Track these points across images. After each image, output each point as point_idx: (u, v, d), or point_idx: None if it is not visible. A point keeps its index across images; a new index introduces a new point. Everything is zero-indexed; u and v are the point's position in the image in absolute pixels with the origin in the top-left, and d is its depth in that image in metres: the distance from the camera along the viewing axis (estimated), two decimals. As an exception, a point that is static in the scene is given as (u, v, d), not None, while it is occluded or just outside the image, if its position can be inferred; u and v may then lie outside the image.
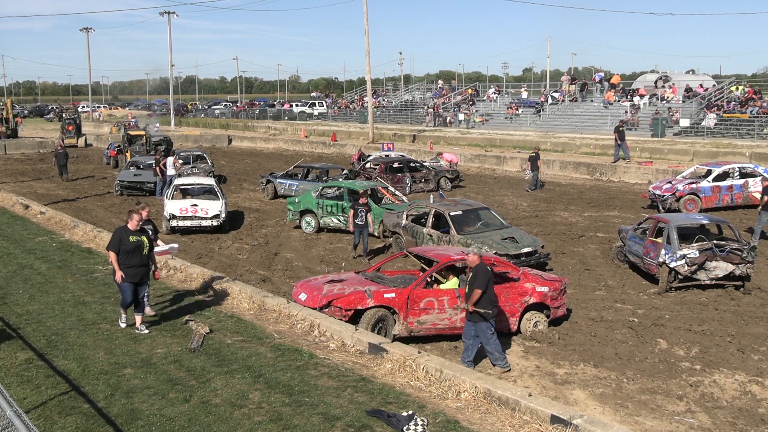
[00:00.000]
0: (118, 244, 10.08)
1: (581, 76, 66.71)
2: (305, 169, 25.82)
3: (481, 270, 9.92)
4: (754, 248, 14.24)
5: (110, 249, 10.20)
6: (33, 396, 8.21)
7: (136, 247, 10.14)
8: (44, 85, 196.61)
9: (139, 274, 10.30)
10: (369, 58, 46.41)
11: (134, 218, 10.24)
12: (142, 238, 10.27)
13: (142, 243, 10.23)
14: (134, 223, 10.23)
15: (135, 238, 10.16)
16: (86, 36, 76.32)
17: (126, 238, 10.10)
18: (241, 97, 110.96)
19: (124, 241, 10.09)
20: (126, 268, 10.13)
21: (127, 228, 10.22)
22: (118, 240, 10.12)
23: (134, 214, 10.29)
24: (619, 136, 32.03)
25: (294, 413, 7.81)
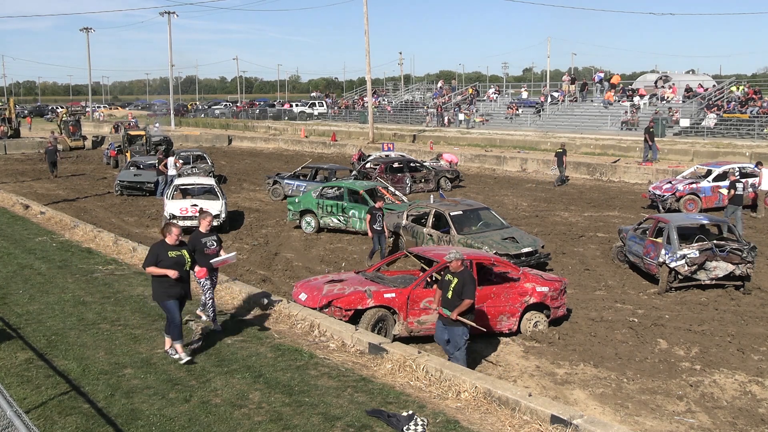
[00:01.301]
0: (155, 260, 9.14)
1: (581, 76, 66.74)
2: (313, 170, 25.78)
3: (468, 277, 9.60)
4: (754, 248, 14.24)
5: (146, 266, 9.21)
6: (33, 396, 8.21)
7: (176, 263, 9.18)
8: (44, 85, 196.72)
9: (181, 290, 9.34)
10: (369, 58, 46.45)
11: (173, 232, 9.30)
12: (182, 252, 9.32)
13: (183, 258, 9.28)
14: (173, 237, 9.28)
15: (174, 254, 9.22)
16: (86, 36, 76.34)
17: (164, 253, 9.17)
18: (241, 97, 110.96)
19: (162, 257, 9.14)
20: (167, 287, 9.15)
21: (165, 243, 9.27)
22: (155, 256, 9.16)
23: (172, 228, 9.35)
24: (649, 136, 31.43)
25: (294, 413, 7.81)
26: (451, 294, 9.52)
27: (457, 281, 9.48)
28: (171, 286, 9.16)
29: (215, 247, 10.41)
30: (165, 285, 9.17)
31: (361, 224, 19.02)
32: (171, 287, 9.17)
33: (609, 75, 50.51)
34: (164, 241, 9.28)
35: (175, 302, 9.22)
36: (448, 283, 9.60)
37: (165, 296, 9.18)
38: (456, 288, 9.47)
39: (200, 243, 10.22)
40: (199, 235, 10.37)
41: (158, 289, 9.26)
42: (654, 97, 42.63)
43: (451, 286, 9.52)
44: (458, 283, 9.46)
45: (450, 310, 9.46)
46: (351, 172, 25.78)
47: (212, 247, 10.35)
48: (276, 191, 25.81)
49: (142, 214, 23.20)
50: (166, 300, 9.19)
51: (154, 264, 9.13)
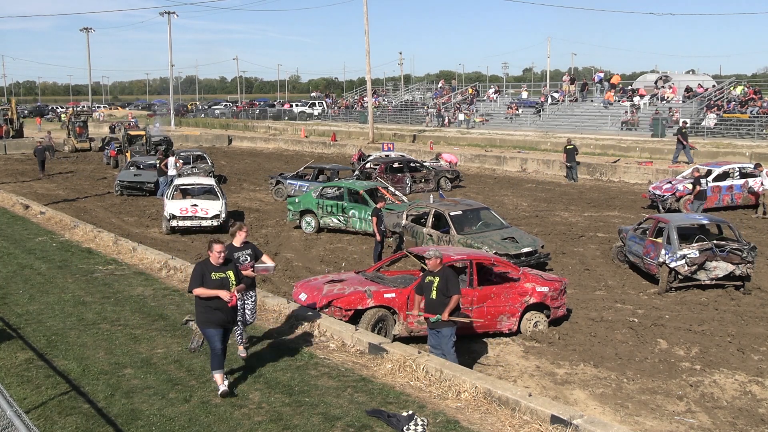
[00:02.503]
0: (200, 281, 8.25)
1: (581, 76, 66.74)
2: (315, 170, 25.78)
3: (450, 273, 9.38)
4: (754, 248, 14.24)
5: (192, 290, 8.31)
6: (33, 396, 8.21)
7: (221, 285, 8.28)
8: (44, 85, 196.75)
9: (226, 318, 8.41)
10: (369, 58, 46.46)
11: (215, 249, 8.33)
12: (228, 273, 8.38)
13: (227, 280, 8.35)
14: (215, 255, 8.33)
15: (219, 275, 8.30)
16: (86, 36, 76.43)
17: (208, 274, 8.26)
18: (241, 97, 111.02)
19: (207, 278, 8.24)
20: (211, 311, 8.24)
21: (209, 262, 8.37)
22: (199, 277, 8.26)
23: (215, 245, 8.39)
24: (682, 137, 30.81)
25: (294, 413, 7.81)
26: (435, 294, 9.26)
27: (440, 279, 9.28)
28: (214, 311, 8.26)
29: (249, 262, 9.45)
30: (208, 309, 8.27)
31: (361, 224, 19.03)
32: (214, 313, 8.26)
33: (609, 75, 50.52)
34: (207, 260, 8.41)
35: (217, 330, 8.30)
36: (430, 284, 9.35)
37: (207, 323, 8.33)
38: (440, 287, 9.24)
39: (232, 258, 9.10)
40: (232, 249, 9.32)
41: (201, 314, 8.36)
42: (654, 97, 42.64)
43: (434, 286, 9.28)
44: (441, 281, 9.26)
45: (439, 313, 9.22)
46: (353, 172, 25.75)
47: (245, 262, 9.37)
48: (279, 191, 25.81)
49: (142, 214, 23.20)
50: (208, 327, 8.33)
51: (201, 285, 8.21)
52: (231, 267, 8.51)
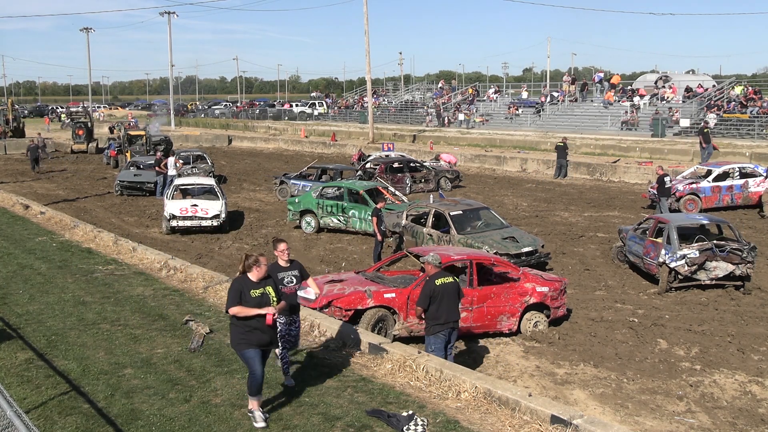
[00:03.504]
0: (239, 298, 7.58)
1: (581, 76, 66.74)
2: (319, 171, 25.76)
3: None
4: (754, 248, 14.25)
5: (230, 307, 7.58)
6: (33, 396, 8.21)
7: (260, 303, 7.63)
8: (44, 85, 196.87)
9: (267, 336, 7.71)
10: (369, 58, 46.46)
11: (260, 263, 7.68)
12: (267, 289, 7.73)
13: (267, 297, 7.69)
14: (257, 273, 7.66)
15: (258, 292, 7.62)
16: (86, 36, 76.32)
17: (247, 291, 7.60)
18: (241, 97, 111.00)
19: (246, 295, 7.58)
20: (248, 331, 7.55)
21: (247, 279, 7.68)
22: (237, 295, 7.59)
23: (260, 259, 7.71)
24: (703, 137, 30.18)
25: (294, 413, 7.81)
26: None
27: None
28: (252, 331, 7.55)
29: (294, 284, 8.61)
30: (245, 329, 7.57)
31: (361, 224, 19.03)
32: (252, 333, 7.56)
33: (609, 75, 50.55)
34: (245, 276, 7.69)
35: (256, 352, 7.59)
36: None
37: (245, 344, 7.58)
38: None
39: (276, 279, 8.23)
40: (277, 269, 8.46)
41: (237, 335, 7.63)
42: (654, 97, 42.65)
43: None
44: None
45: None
46: (357, 172, 25.63)
47: (291, 284, 8.55)
48: (283, 191, 25.84)
49: (142, 214, 23.20)
50: (246, 348, 7.57)
51: (239, 303, 7.52)
52: (270, 283, 7.82)
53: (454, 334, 9.42)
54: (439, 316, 9.16)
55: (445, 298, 9.10)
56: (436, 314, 9.15)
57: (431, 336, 9.29)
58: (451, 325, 9.26)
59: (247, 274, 7.66)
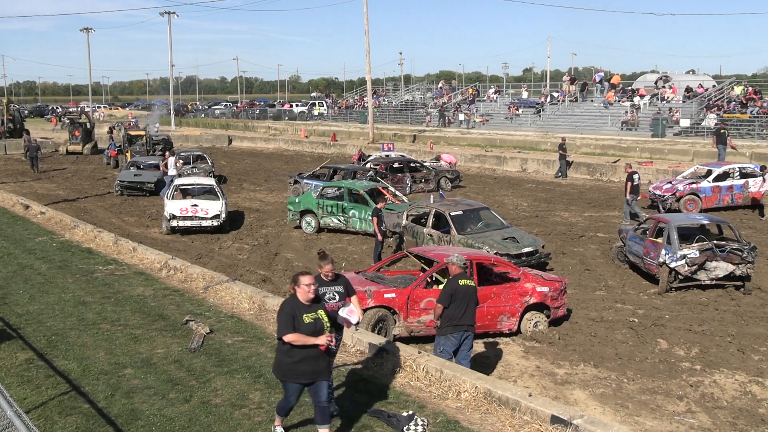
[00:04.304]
0: (292, 325, 6.71)
1: (581, 76, 66.81)
2: (331, 170, 25.69)
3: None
4: (754, 248, 14.24)
5: (282, 335, 6.73)
6: (33, 396, 8.21)
7: (314, 329, 6.75)
8: (44, 86, 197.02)
9: (316, 368, 6.80)
10: (369, 58, 46.45)
11: (303, 283, 6.81)
12: (319, 313, 6.86)
13: (321, 322, 6.81)
14: (304, 291, 6.79)
15: (311, 317, 6.77)
16: (86, 36, 76.30)
17: (300, 316, 6.73)
18: (241, 98, 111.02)
19: (298, 321, 6.71)
20: (298, 361, 6.70)
21: (298, 300, 6.81)
22: (290, 320, 6.72)
23: (302, 277, 6.84)
24: (718, 138, 29.40)
25: (294, 413, 7.79)
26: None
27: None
28: (301, 362, 6.70)
29: (336, 301, 7.75)
30: (297, 358, 6.71)
31: (361, 224, 19.03)
32: (300, 363, 6.71)
33: (609, 75, 50.57)
34: (295, 298, 6.84)
35: (300, 386, 6.90)
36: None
37: (292, 375, 6.80)
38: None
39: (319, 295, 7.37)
40: (318, 282, 7.52)
41: (285, 363, 6.78)
42: (654, 97, 42.64)
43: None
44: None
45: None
46: (368, 172, 25.42)
47: (332, 300, 7.73)
48: (296, 191, 25.85)
49: (142, 214, 23.20)
50: (290, 381, 6.85)
51: (293, 329, 6.66)
52: (321, 306, 7.02)
53: (468, 338, 9.10)
54: (455, 317, 8.93)
55: (464, 300, 8.89)
56: (452, 315, 8.93)
57: (441, 337, 9.09)
58: (464, 328, 9.00)
59: (297, 296, 6.83)
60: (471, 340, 9.18)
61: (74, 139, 43.69)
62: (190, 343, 9.97)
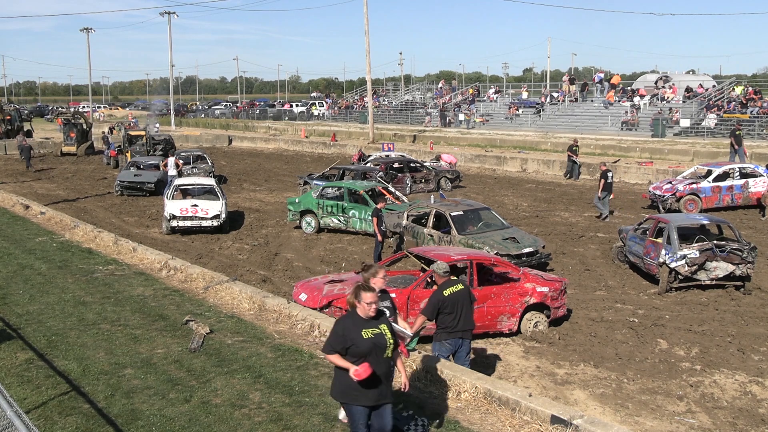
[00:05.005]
0: (342, 342, 6.11)
1: (581, 76, 66.83)
2: (341, 171, 25.65)
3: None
4: (754, 248, 14.24)
5: (328, 351, 6.21)
6: (33, 396, 8.21)
7: (374, 347, 6.09)
8: (44, 86, 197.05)
9: (382, 390, 6.19)
10: (369, 59, 46.46)
11: (365, 299, 6.14)
12: (382, 328, 6.20)
13: (383, 338, 6.16)
14: (365, 309, 6.15)
15: (371, 333, 6.11)
16: (86, 36, 76.37)
17: (356, 332, 6.09)
18: (241, 98, 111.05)
19: (355, 338, 6.07)
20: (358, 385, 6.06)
21: (356, 316, 6.19)
22: (341, 338, 6.12)
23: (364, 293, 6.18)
24: (735, 140, 28.91)
25: (294, 413, 7.80)
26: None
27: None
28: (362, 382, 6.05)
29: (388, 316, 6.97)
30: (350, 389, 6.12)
31: (361, 224, 19.03)
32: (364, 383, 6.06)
33: (609, 75, 50.56)
34: (354, 313, 6.22)
35: (365, 409, 6.19)
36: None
37: (351, 397, 6.17)
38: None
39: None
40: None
41: (344, 383, 6.14)
42: (654, 97, 42.65)
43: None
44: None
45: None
46: (378, 173, 25.31)
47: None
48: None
49: (142, 214, 23.20)
50: (354, 404, 6.17)
51: (340, 350, 6.10)
52: (384, 320, 6.31)
53: (465, 343, 8.85)
54: (449, 326, 8.65)
55: (456, 307, 8.59)
56: (446, 323, 8.67)
57: (436, 342, 8.92)
58: (459, 335, 8.74)
59: (356, 312, 6.20)
60: (468, 345, 8.94)
61: (69, 140, 43.16)
62: (190, 343, 9.97)
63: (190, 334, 10.28)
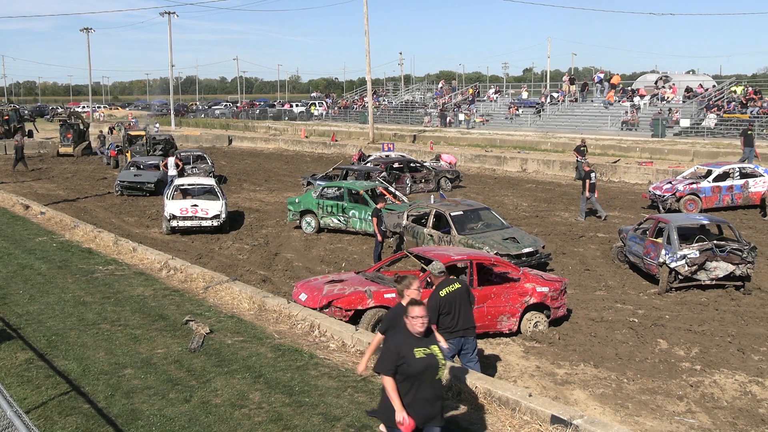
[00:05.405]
0: (395, 362, 5.69)
1: (581, 76, 66.84)
2: (344, 171, 25.65)
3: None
4: (754, 248, 14.24)
5: (382, 371, 5.76)
6: (33, 396, 8.21)
7: (426, 368, 5.73)
8: (44, 86, 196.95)
9: (431, 412, 5.81)
10: (369, 59, 46.46)
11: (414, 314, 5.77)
12: (433, 348, 5.81)
13: (435, 359, 5.78)
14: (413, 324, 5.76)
15: (424, 352, 5.73)
16: (86, 36, 76.41)
17: (409, 351, 5.68)
18: (241, 98, 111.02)
19: (407, 357, 5.67)
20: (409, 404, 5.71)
21: (407, 333, 5.80)
22: (395, 355, 5.70)
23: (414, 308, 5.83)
24: (745, 140, 28.29)
25: (294, 413, 7.81)
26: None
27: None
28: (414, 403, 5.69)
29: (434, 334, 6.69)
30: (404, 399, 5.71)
31: (361, 224, 19.03)
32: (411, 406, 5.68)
33: (609, 75, 50.56)
34: (406, 329, 5.81)
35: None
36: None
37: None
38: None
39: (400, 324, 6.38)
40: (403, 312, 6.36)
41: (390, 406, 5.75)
42: (654, 97, 42.65)
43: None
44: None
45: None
46: (381, 173, 25.27)
47: None
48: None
49: (142, 214, 23.20)
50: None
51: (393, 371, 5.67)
52: (434, 340, 5.93)
53: (468, 341, 8.73)
54: (449, 326, 8.54)
55: (455, 306, 8.52)
56: (446, 323, 8.59)
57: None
58: (461, 334, 8.63)
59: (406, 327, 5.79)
60: (473, 343, 8.83)
61: (66, 141, 42.85)
62: (190, 343, 9.97)
63: (190, 334, 10.28)
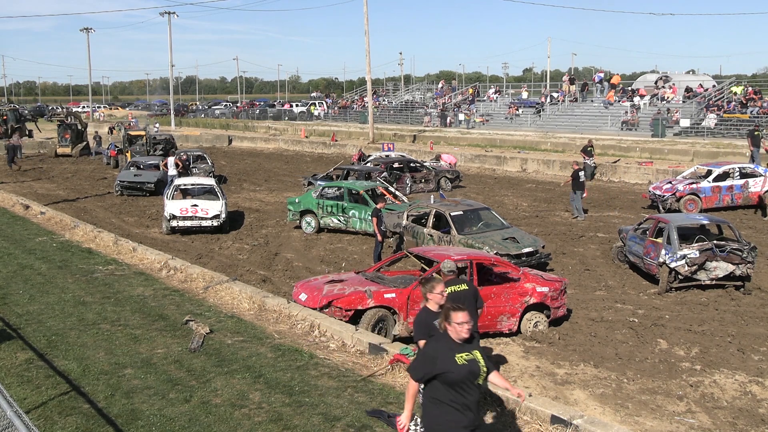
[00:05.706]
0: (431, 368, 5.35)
1: (581, 76, 66.83)
2: (345, 172, 25.64)
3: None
4: (754, 248, 14.24)
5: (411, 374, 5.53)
6: (33, 396, 8.21)
7: (469, 375, 5.35)
8: (44, 86, 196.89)
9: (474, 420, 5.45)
10: (369, 59, 46.46)
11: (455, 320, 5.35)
12: (475, 354, 5.44)
13: (477, 365, 5.41)
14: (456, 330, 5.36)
15: (465, 357, 5.35)
16: (86, 36, 76.43)
17: (449, 357, 5.31)
18: (241, 98, 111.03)
19: (448, 364, 5.29)
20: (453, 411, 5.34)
21: (448, 338, 5.39)
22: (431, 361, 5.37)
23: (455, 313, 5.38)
24: (753, 140, 28.23)
25: (294, 413, 7.81)
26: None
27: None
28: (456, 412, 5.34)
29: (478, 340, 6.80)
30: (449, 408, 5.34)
31: (361, 224, 19.03)
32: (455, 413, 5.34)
33: (609, 75, 50.56)
34: (445, 335, 5.40)
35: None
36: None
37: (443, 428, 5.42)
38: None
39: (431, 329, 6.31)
40: (431, 317, 6.49)
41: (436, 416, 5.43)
42: (654, 97, 42.65)
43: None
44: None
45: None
46: (382, 173, 25.22)
47: None
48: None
49: (142, 214, 23.20)
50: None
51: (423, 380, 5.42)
52: (476, 346, 5.55)
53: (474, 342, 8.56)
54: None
55: None
56: None
57: None
58: None
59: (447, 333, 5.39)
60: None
61: (64, 142, 42.63)
62: (190, 343, 9.97)
63: (190, 334, 10.28)
